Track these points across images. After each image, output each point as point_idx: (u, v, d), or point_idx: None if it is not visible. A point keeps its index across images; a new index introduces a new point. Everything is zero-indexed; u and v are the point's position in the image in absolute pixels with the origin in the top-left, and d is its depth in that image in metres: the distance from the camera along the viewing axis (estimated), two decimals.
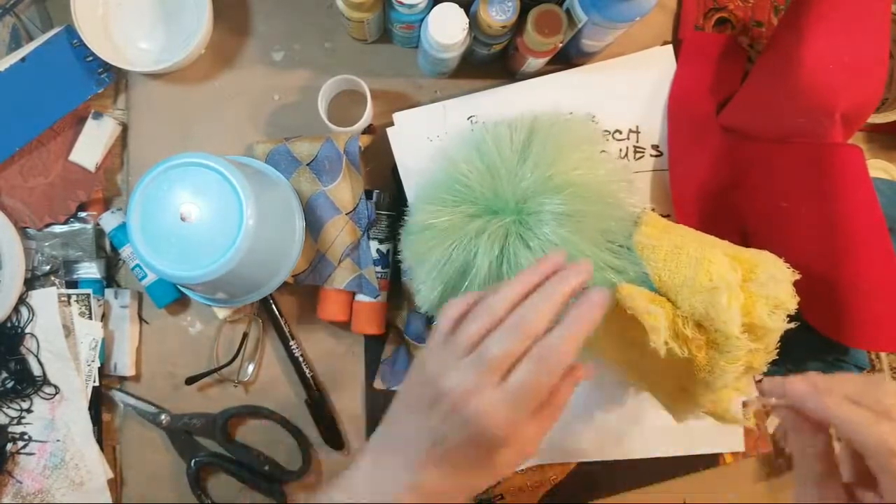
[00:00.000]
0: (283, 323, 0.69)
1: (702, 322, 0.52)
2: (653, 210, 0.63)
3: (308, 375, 0.70)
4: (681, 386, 0.55)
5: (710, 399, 0.54)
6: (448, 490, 0.46)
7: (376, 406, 0.70)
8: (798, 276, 0.53)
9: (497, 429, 0.44)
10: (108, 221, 0.68)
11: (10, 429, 0.68)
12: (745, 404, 0.57)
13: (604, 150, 0.64)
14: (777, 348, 0.53)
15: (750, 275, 0.52)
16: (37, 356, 0.68)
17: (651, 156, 0.69)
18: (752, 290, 0.52)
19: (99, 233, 0.70)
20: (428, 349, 0.48)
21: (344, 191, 0.67)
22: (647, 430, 0.69)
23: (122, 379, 0.71)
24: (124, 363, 0.69)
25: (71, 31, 0.67)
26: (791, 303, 0.52)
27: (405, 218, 0.65)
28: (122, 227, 0.68)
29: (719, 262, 0.52)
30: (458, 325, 0.47)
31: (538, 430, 0.46)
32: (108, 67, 0.68)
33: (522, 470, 0.69)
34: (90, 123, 0.68)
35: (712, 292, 0.51)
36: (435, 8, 0.59)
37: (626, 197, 0.60)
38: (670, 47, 0.69)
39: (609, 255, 0.57)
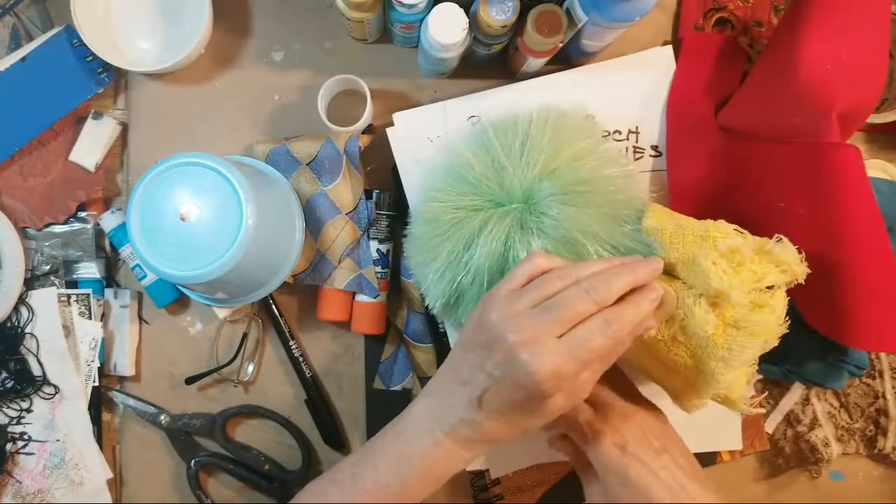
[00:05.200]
0: (283, 323, 0.69)
1: (716, 300, 0.52)
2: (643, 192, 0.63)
3: (308, 375, 0.70)
4: (694, 366, 0.55)
5: (728, 380, 0.53)
6: (500, 428, 0.50)
7: (376, 406, 0.70)
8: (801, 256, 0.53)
9: (545, 380, 0.46)
10: (108, 221, 0.68)
11: (9, 429, 0.68)
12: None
13: (602, 146, 0.64)
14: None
15: (760, 246, 0.52)
16: (36, 356, 0.68)
17: (650, 156, 0.69)
18: (762, 257, 0.52)
19: (99, 233, 0.70)
20: (491, 298, 0.49)
21: (344, 191, 0.67)
22: None
23: (122, 379, 0.71)
24: (124, 363, 0.69)
25: (71, 31, 0.67)
26: (800, 268, 0.52)
27: (408, 216, 0.65)
28: (122, 226, 0.68)
29: (726, 232, 0.53)
30: (527, 284, 0.50)
31: (591, 377, 0.49)
32: (107, 67, 0.68)
33: (522, 470, 0.70)
34: (90, 123, 0.68)
35: (722, 258, 0.51)
36: (435, 8, 0.59)
37: (627, 186, 0.60)
38: (670, 47, 0.69)
39: (619, 236, 0.57)
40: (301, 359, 0.70)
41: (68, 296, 0.69)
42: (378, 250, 0.68)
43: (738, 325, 0.52)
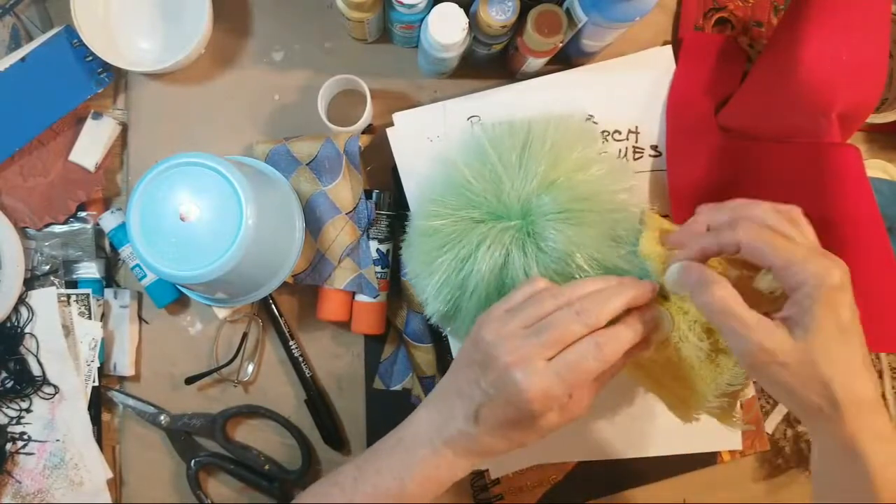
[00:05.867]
0: (283, 323, 0.69)
1: (710, 325, 0.52)
2: (652, 209, 0.63)
3: (308, 375, 0.70)
4: (687, 387, 0.55)
5: (720, 401, 0.54)
6: (497, 442, 0.50)
7: (376, 406, 0.70)
8: None
9: (535, 400, 0.47)
10: (108, 221, 0.68)
11: (9, 429, 0.68)
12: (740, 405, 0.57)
13: (604, 152, 0.64)
14: None
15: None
16: (36, 356, 0.68)
17: (650, 156, 0.69)
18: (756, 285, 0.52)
19: (98, 233, 0.70)
20: (487, 318, 0.51)
21: (344, 191, 0.67)
22: (645, 429, 0.69)
23: (122, 379, 0.71)
24: (124, 363, 0.69)
25: (71, 31, 0.67)
26: None
27: (406, 224, 0.65)
28: (122, 226, 0.68)
29: (719, 260, 0.52)
30: (522, 304, 0.50)
31: (587, 396, 0.50)
32: (107, 67, 0.68)
33: (522, 470, 0.70)
34: (90, 123, 0.68)
35: None
36: (435, 8, 0.59)
37: (627, 198, 0.60)
38: (670, 47, 0.69)
39: (615, 258, 0.57)
40: (301, 359, 0.70)
41: (68, 296, 0.69)
42: (378, 250, 0.68)
43: (729, 350, 0.52)
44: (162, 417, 0.70)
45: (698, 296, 0.47)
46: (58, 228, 0.69)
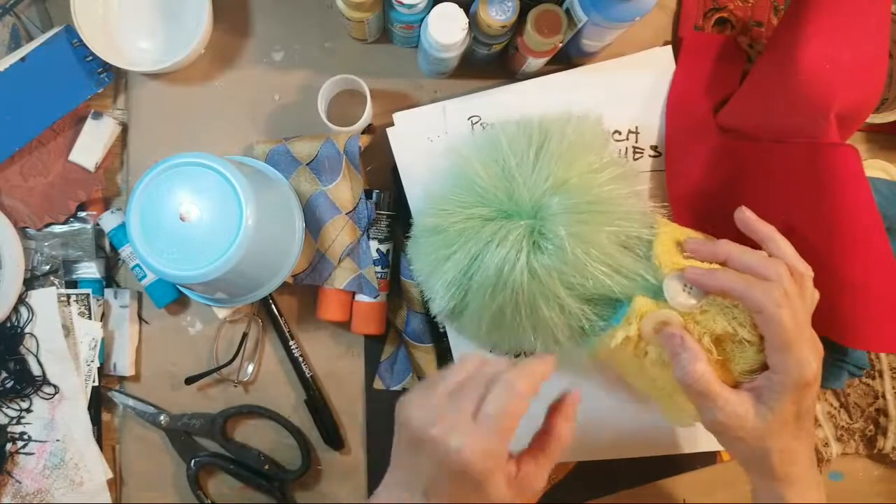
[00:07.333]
0: (283, 323, 0.69)
1: (720, 336, 0.53)
2: (663, 215, 0.62)
3: (308, 375, 0.70)
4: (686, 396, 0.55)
5: None
6: None
7: (376, 406, 0.70)
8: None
9: (476, 461, 0.45)
10: (108, 221, 0.68)
11: (9, 429, 0.68)
12: None
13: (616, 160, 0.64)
14: None
15: None
16: (36, 356, 0.68)
17: (650, 156, 0.69)
18: None
19: (98, 233, 0.70)
20: (406, 399, 0.49)
21: (344, 191, 0.67)
22: (644, 429, 0.69)
23: (122, 379, 0.71)
24: (124, 363, 0.69)
25: (71, 31, 0.67)
26: None
27: (412, 221, 0.65)
28: (122, 226, 0.68)
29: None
30: (435, 380, 0.50)
31: (538, 468, 0.49)
32: (107, 67, 0.68)
33: None
34: (90, 123, 0.68)
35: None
36: (435, 8, 0.59)
37: (638, 202, 0.60)
38: (670, 48, 0.69)
39: (626, 260, 0.57)
40: (301, 359, 0.70)
41: (68, 296, 0.69)
42: (378, 250, 0.68)
43: (733, 365, 0.53)
44: (162, 417, 0.70)
45: (678, 365, 0.52)
46: (58, 228, 0.69)
